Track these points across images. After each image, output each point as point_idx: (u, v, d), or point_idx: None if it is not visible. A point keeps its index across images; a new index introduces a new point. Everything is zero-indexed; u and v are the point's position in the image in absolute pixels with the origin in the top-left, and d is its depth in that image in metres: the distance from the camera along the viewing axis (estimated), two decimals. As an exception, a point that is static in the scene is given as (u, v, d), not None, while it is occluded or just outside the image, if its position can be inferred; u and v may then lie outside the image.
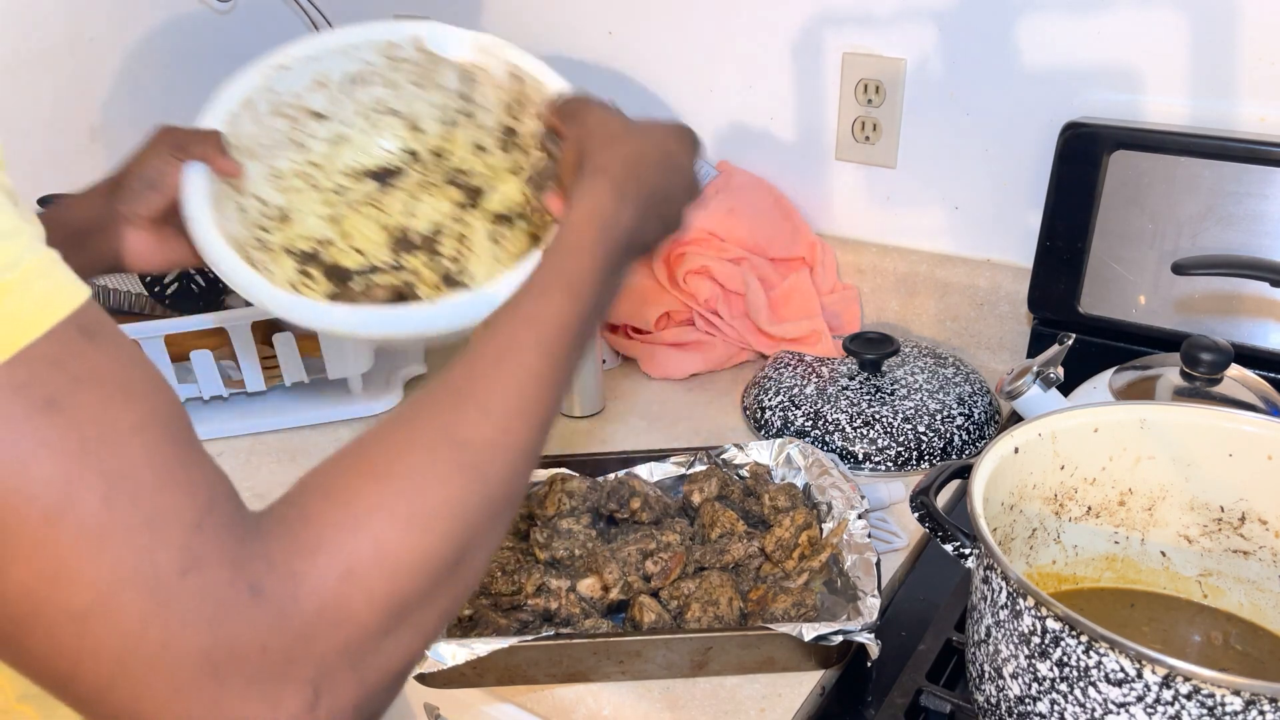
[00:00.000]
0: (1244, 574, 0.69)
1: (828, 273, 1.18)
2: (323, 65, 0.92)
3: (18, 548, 0.33)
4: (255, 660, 0.35)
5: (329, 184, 0.93)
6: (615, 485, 0.86)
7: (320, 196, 0.91)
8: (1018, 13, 1.01)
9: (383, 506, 0.40)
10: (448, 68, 0.92)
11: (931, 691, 0.68)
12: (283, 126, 0.91)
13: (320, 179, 0.92)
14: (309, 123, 0.93)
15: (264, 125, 0.89)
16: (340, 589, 0.37)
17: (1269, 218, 0.90)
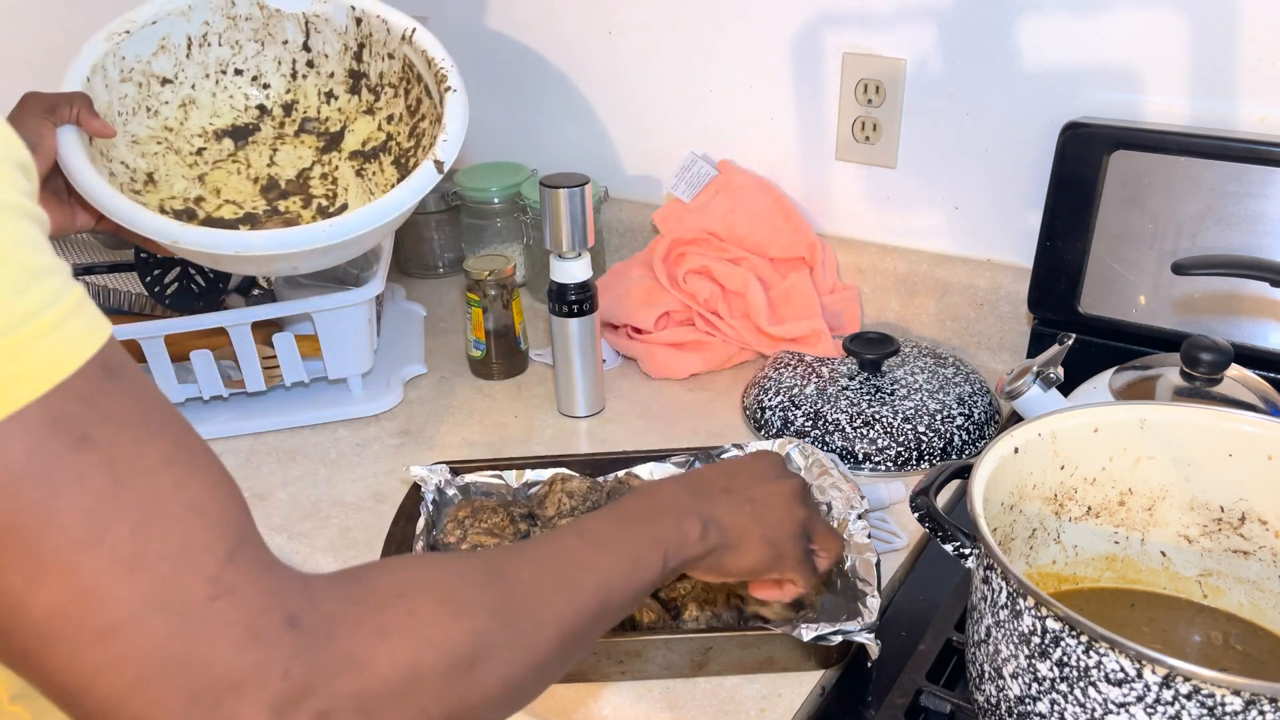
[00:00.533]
0: (1244, 574, 0.69)
1: (828, 273, 1.18)
2: (163, 28, 0.94)
3: (49, 571, 0.34)
4: (275, 684, 0.36)
5: (187, 147, 0.95)
6: (615, 485, 0.86)
7: (180, 159, 0.94)
8: (1018, 13, 1.01)
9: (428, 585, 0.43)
10: (287, 20, 0.95)
11: (931, 691, 0.68)
12: (133, 92, 0.93)
13: (177, 142, 0.94)
14: (157, 88, 0.95)
15: (116, 92, 0.91)
16: (371, 641, 0.39)
17: (1269, 218, 0.90)
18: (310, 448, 1.03)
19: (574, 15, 1.31)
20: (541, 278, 1.25)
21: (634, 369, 1.16)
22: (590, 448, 1.02)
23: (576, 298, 1.02)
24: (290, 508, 0.93)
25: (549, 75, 1.37)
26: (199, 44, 0.95)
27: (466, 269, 1.12)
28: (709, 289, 1.14)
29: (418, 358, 1.18)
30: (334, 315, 1.03)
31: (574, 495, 0.86)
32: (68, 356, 0.36)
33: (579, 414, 1.07)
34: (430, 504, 0.86)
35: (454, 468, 0.90)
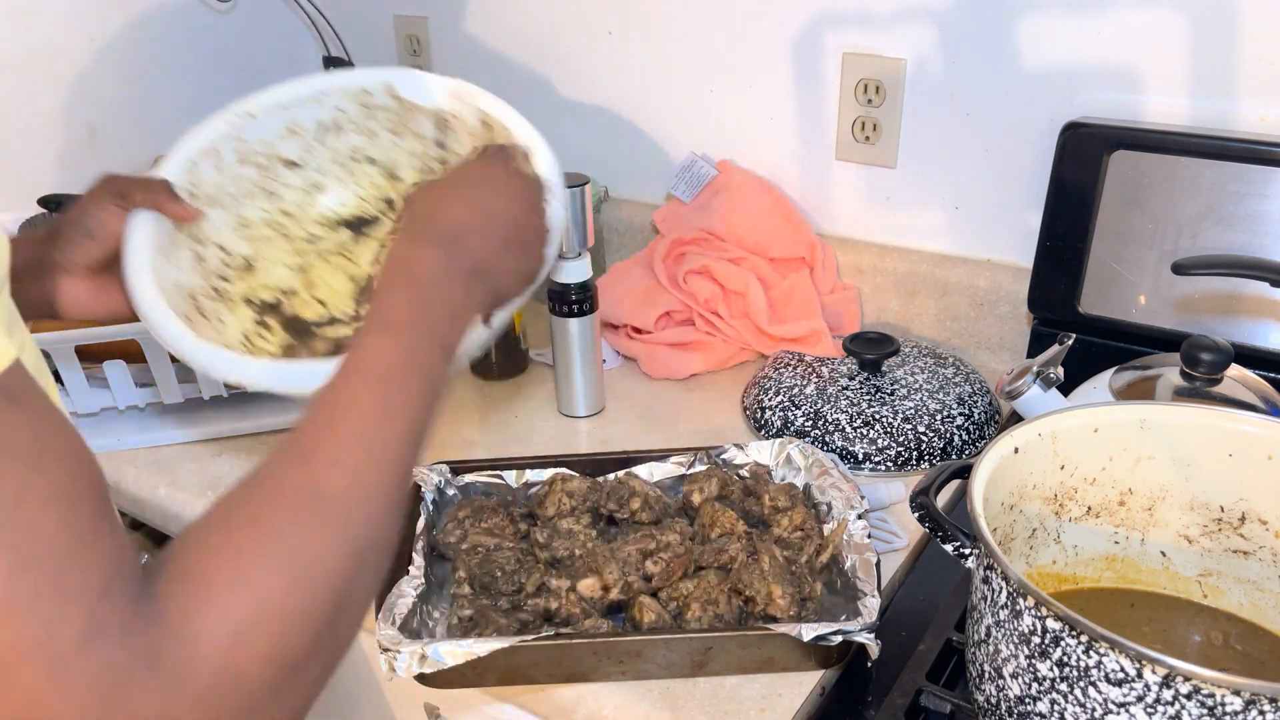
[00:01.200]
0: (1244, 574, 0.69)
1: (828, 273, 1.18)
2: (293, 113, 0.90)
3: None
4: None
5: (301, 233, 0.90)
6: (615, 485, 0.86)
7: (291, 245, 0.89)
8: (1018, 13, 1.01)
9: (262, 557, 0.41)
10: (423, 115, 0.89)
11: (931, 691, 0.68)
12: (252, 174, 0.89)
13: (292, 228, 0.90)
14: (281, 171, 0.91)
15: (230, 173, 0.87)
16: (232, 652, 0.38)
17: (1269, 218, 0.90)
18: (310, 448, 1.03)
19: (575, 15, 1.31)
20: (541, 278, 1.25)
21: (634, 369, 1.16)
22: (590, 448, 1.02)
23: (576, 298, 1.02)
24: (290, 508, 0.93)
25: (549, 75, 1.37)
26: (332, 129, 0.91)
27: (466, 269, 1.11)
28: (709, 289, 1.14)
29: (418, 358, 1.18)
30: (334, 315, 1.03)
31: (574, 495, 0.86)
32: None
33: (579, 414, 1.07)
34: (430, 504, 0.86)
35: (454, 468, 0.90)
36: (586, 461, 0.91)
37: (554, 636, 0.71)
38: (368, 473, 0.46)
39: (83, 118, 1.39)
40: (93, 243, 0.74)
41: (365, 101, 0.90)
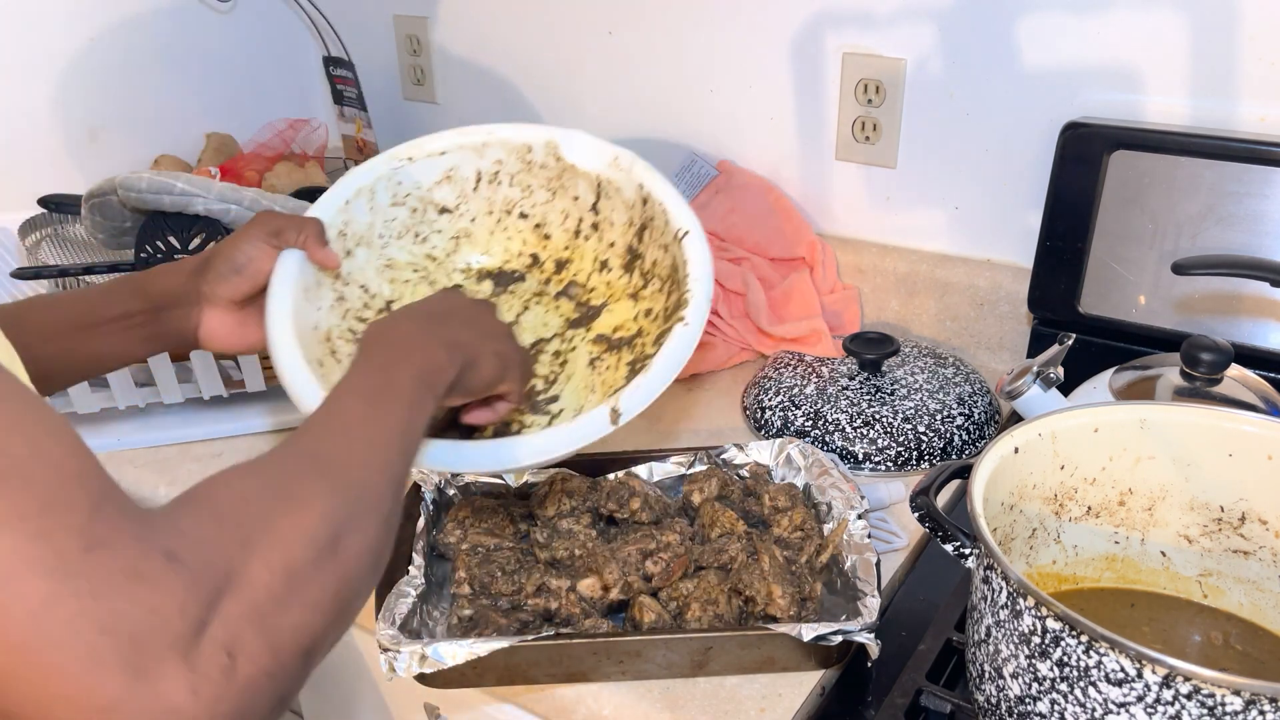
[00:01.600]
0: (1244, 574, 0.69)
1: (828, 273, 1.18)
2: (453, 159, 0.89)
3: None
4: (172, 626, 0.35)
5: (444, 279, 0.89)
6: (615, 485, 0.86)
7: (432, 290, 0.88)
8: (1018, 13, 1.01)
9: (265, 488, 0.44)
10: (581, 178, 0.88)
11: (931, 691, 0.68)
12: (404, 216, 0.88)
13: (436, 273, 0.89)
14: (434, 215, 0.90)
15: (382, 214, 0.87)
16: (241, 555, 0.39)
17: (1269, 218, 0.90)
18: (310, 448, 1.03)
19: (575, 15, 1.31)
20: (541, 278, 1.25)
21: (634, 369, 1.16)
22: (590, 448, 1.02)
23: (576, 298, 1.01)
24: (290, 508, 0.93)
25: (549, 75, 1.37)
26: (489, 180, 0.90)
27: (466, 269, 1.11)
28: (709, 289, 1.14)
29: (418, 358, 1.18)
30: (334, 315, 1.03)
31: (574, 495, 0.86)
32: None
33: (579, 414, 1.07)
34: (430, 504, 0.86)
35: (454, 468, 0.90)
36: (586, 461, 0.91)
37: (554, 636, 0.71)
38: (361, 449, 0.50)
39: (83, 118, 1.39)
40: (240, 278, 0.75)
41: (526, 158, 0.89)
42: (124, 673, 0.34)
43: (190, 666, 0.35)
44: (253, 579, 0.39)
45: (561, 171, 0.89)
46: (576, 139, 0.88)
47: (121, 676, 0.34)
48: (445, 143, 0.88)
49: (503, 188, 0.90)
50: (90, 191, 1.04)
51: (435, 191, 0.89)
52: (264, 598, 0.39)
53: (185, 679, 0.35)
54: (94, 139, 1.41)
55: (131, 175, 0.99)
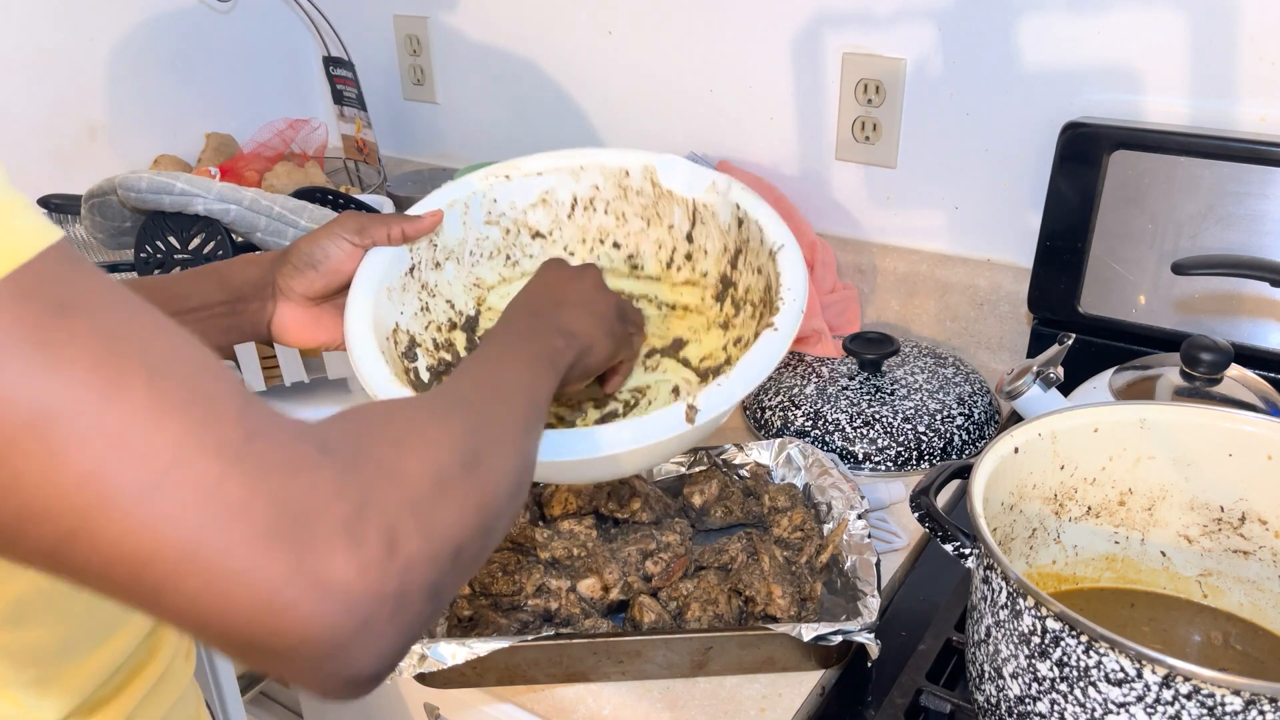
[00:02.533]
0: (1244, 574, 0.69)
1: (828, 273, 1.18)
2: (549, 182, 0.88)
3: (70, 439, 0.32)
4: (335, 508, 0.36)
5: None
6: (615, 485, 0.86)
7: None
8: (1018, 13, 1.01)
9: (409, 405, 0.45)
10: (677, 204, 0.86)
11: (931, 691, 0.68)
12: (497, 237, 0.87)
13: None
14: (527, 240, 0.88)
15: (475, 231, 0.86)
16: (393, 452, 0.40)
17: (1269, 218, 0.90)
18: (310, 448, 1.03)
19: (574, 15, 1.31)
20: (541, 278, 1.25)
21: (634, 369, 1.16)
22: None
23: (577, 298, 1.01)
24: (290, 508, 0.93)
25: (549, 75, 1.37)
26: (584, 206, 0.88)
27: (466, 269, 1.11)
28: (709, 289, 1.14)
29: (418, 358, 1.18)
30: (334, 315, 1.03)
31: (580, 494, 0.86)
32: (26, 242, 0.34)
33: (579, 414, 1.07)
34: (430, 504, 0.85)
35: (454, 468, 0.90)
36: (586, 461, 0.91)
37: (554, 636, 0.71)
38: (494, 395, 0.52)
39: (83, 118, 1.39)
40: (316, 274, 0.75)
41: (623, 183, 0.87)
42: (295, 549, 0.34)
43: (355, 545, 0.36)
44: (405, 473, 0.40)
45: (658, 199, 0.87)
46: (676, 164, 0.86)
47: (292, 553, 0.34)
48: (542, 164, 0.87)
49: (597, 215, 0.88)
50: (90, 191, 1.04)
51: (530, 214, 0.88)
52: (417, 491, 0.39)
53: (351, 556, 0.35)
54: (94, 139, 1.41)
55: (131, 175, 0.99)
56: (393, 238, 0.77)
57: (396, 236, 0.77)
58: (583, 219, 0.88)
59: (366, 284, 0.75)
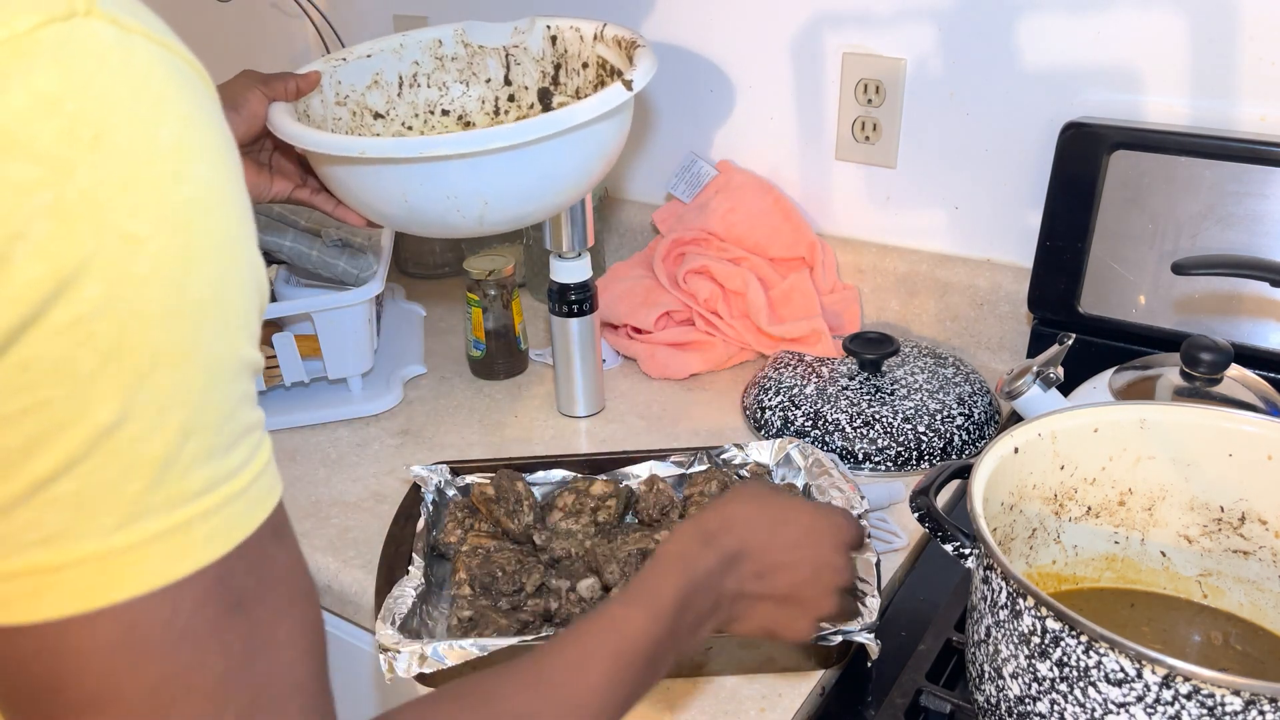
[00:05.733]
0: (1244, 574, 0.69)
1: (828, 273, 1.18)
2: (376, 63, 0.98)
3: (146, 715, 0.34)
4: None
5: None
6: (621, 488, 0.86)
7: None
8: (1018, 13, 1.01)
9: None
10: (490, 55, 0.98)
11: (931, 691, 0.68)
12: (346, 118, 0.97)
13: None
14: (370, 120, 0.98)
15: (330, 110, 0.95)
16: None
17: (1269, 218, 0.90)
18: (310, 448, 1.03)
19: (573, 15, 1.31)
20: (541, 278, 1.25)
21: (634, 369, 1.16)
22: (590, 448, 1.02)
23: (576, 298, 1.02)
24: (290, 507, 0.93)
25: (549, 75, 1.37)
26: (409, 84, 0.99)
27: (466, 269, 1.12)
28: (709, 289, 1.14)
29: (418, 358, 1.18)
30: (334, 315, 1.03)
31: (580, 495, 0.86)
32: (249, 519, 0.36)
33: (579, 414, 1.07)
34: (430, 504, 0.86)
35: (454, 468, 0.90)
36: (586, 461, 0.91)
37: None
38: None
39: (83, 118, 1.39)
40: (239, 117, 0.82)
41: (438, 53, 0.99)
42: None
43: None
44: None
45: (471, 57, 0.99)
46: (483, 24, 1.00)
47: None
48: (368, 46, 0.98)
49: (422, 89, 1.00)
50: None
51: (367, 96, 0.98)
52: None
53: None
54: (94, 139, 1.41)
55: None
56: (289, 92, 0.87)
57: (292, 91, 0.88)
58: (411, 95, 1.00)
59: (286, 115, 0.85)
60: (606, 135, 0.86)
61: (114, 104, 0.32)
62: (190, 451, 0.34)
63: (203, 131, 0.35)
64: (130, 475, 0.33)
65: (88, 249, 0.31)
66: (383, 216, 0.87)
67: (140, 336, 0.32)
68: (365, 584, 0.84)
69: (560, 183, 0.86)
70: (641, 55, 0.89)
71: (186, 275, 0.33)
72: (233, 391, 0.36)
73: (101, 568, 0.33)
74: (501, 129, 0.78)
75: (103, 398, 0.32)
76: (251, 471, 0.37)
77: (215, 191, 0.35)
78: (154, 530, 0.34)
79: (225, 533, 0.35)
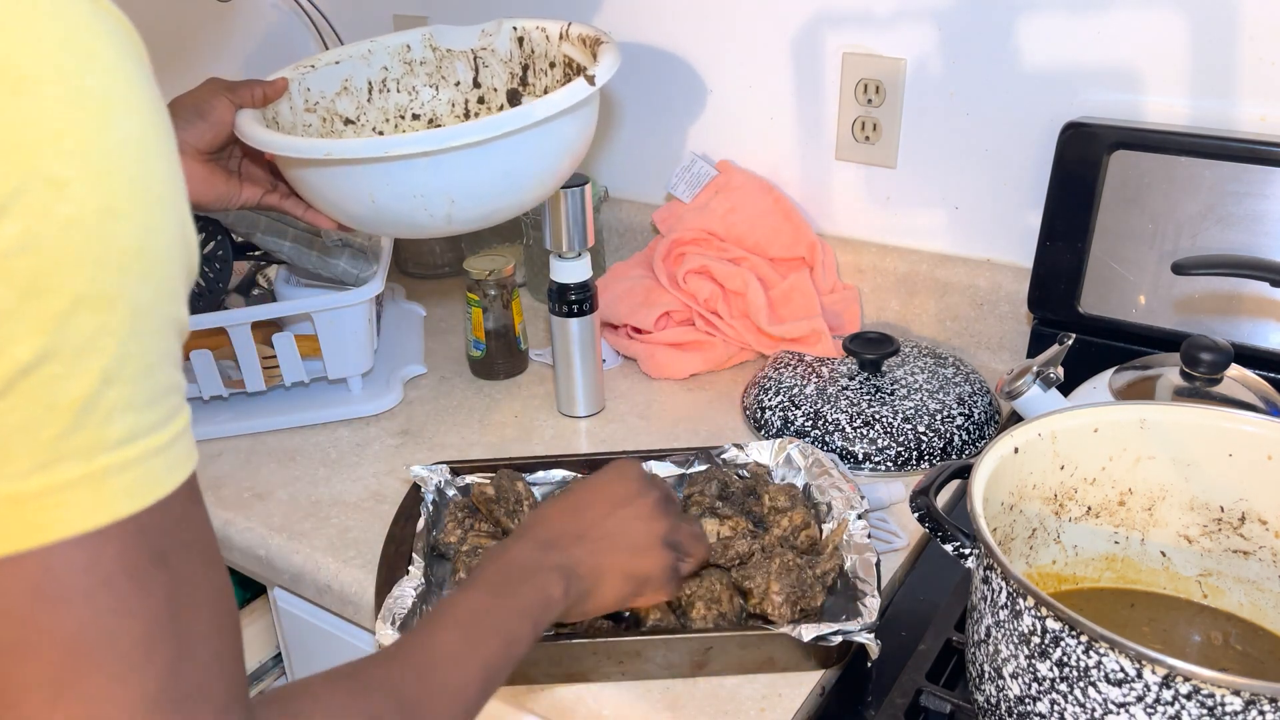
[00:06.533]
0: (1244, 574, 0.69)
1: (828, 273, 1.18)
2: (345, 70, 0.98)
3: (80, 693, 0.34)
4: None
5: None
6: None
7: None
8: (1018, 13, 1.01)
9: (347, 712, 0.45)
10: (459, 59, 0.99)
11: (931, 691, 0.68)
12: (317, 124, 0.97)
13: None
14: (340, 126, 0.98)
15: (300, 118, 0.95)
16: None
17: (1269, 218, 0.90)
18: (310, 448, 1.03)
19: (574, 15, 1.31)
20: (541, 278, 1.25)
21: (634, 369, 1.16)
22: (590, 448, 1.02)
23: (576, 298, 1.02)
24: (290, 508, 0.93)
25: (549, 75, 1.37)
26: (379, 89, 1.00)
27: (466, 269, 1.12)
28: (709, 289, 1.14)
29: (418, 358, 1.18)
30: (334, 315, 1.03)
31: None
32: (168, 478, 0.36)
33: (579, 414, 1.07)
34: (430, 504, 0.86)
35: (454, 468, 0.90)
36: (586, 461, 0.91)
37: (554, 636, 0.71)
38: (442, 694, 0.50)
39: (83, 118, 1.39)
40: (205, 124, 0.83)
41: (406, 58, 1.00)
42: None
43: None
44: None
45: (440, 61, 1.00)
46: (449, 29, 1.00)
47: None
48: (336, 52, 0.99)
49: (392, 95, 1.01)
50: (90, 191, 1.05)
51: (337, 103, 0.99)
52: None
53: None
54: (94, 139, 1.41)
55: (131, 175, 1.00)
56: (255, 99, 0.88)
57: (259, 98, 0.88)
58: (381, 100, 1.01)
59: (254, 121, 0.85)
60: (571, 131, 0.86)
61: (42, 51, 0.32)
62: (110, 399, 0.34)
63: (131, 86, 0.35)
64: (47, 418, 0.33)
65: (9, 188, 0.31)
66: (351, 218, 0.87)
67: (60, 278, 0.33)
68: (365, 584, 0.84)
69: (525, 180, 0.86)
70: (605, 51, 0.89)
71: (112, 223, 0.34)
72: (156, 345, 0.36)
73: (16, 512, 0.33)
74: (463, 126, 0.78)
75: (21, 336, 0.32)
76: (171, 431, 0.37)
77: (143, 146, 0.35)
78: (71, 476, 0.34)
79: (146, 487, 0.35)
